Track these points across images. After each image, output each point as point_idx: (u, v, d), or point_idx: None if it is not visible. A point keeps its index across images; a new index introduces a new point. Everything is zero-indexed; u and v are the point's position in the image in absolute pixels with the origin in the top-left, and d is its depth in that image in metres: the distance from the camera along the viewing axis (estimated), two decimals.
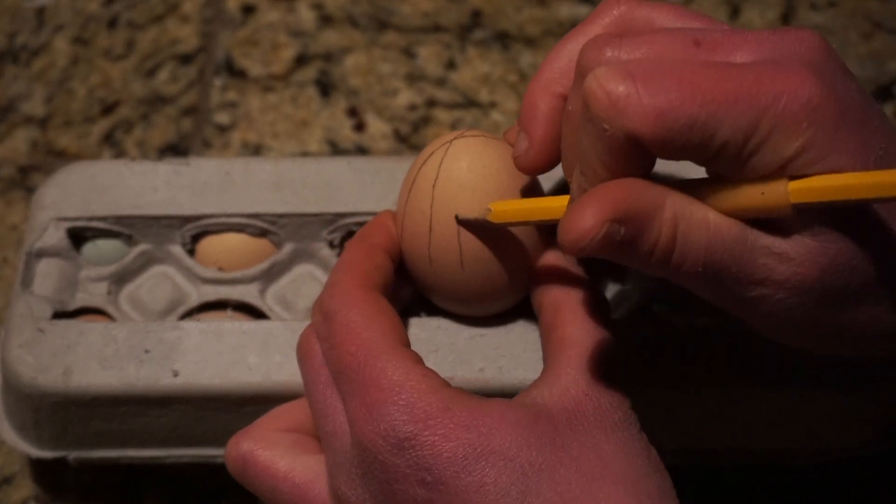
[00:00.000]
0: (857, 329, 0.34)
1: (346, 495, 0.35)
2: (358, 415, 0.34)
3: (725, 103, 0.31)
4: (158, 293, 0.45)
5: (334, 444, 0.35)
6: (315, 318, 0.38)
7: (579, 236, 0.31)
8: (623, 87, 0.31)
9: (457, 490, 0.33)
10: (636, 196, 0.32)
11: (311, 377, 0.37)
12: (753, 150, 0.31)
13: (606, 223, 0.31)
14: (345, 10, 0.62)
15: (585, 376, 0.35)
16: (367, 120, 0.58)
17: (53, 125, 0.58)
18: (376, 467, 0.34)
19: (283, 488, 0.36)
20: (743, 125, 0.31)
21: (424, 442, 0.33)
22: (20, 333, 0.42)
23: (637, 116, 0.31)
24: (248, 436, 0.37)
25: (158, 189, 0.46)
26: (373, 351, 0.35)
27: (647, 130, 0.31)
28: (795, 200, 0.31)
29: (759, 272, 0.32)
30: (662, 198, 0.32)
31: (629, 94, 0.31)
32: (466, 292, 0.40)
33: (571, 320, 0.37)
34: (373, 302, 0.37)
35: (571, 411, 0.34)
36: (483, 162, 0.38)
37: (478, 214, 0.38)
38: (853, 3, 0.61)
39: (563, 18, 0.61)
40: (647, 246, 0.32)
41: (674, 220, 0.32)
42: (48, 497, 0.47)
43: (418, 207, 0.39)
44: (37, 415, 0.42)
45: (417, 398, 0.34)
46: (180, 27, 0.61)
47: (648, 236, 0.32)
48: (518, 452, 0.33)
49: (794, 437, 0.43)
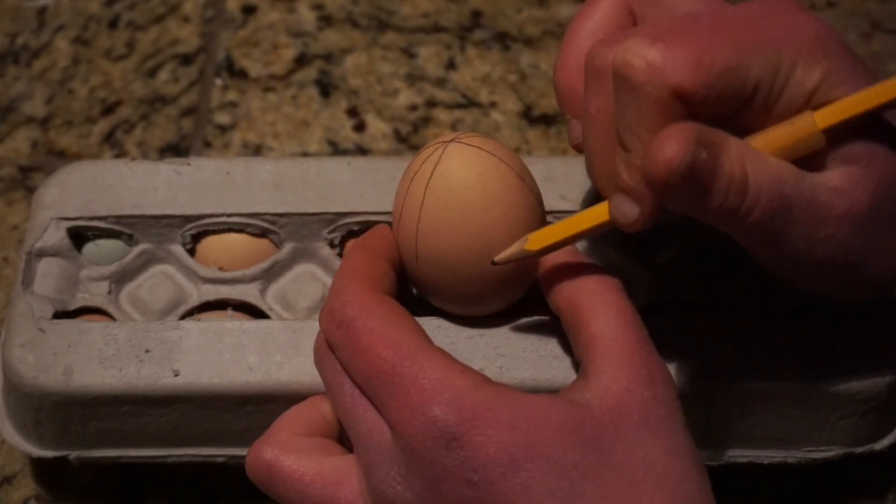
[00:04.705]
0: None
1: (384, 494, 0.35)
2: (401, 415, 0.34)
3: (751, 44, 0.33)
4: (159, 293, 0.45)
5: (369, 443, 0.35)
6: (327, 327, 0.37)
7: (668, 162, 0.32)
8: (656, 49, 0.33)
9: (503, 490, 0.33)
10: (704, 129, 0.33)
11: (334, 382, 0.37)
12: (782, 86, 0.33)
13: (691, 147, 0.32)
14: (345, 10, 0.62)
15: (623, 370, 0.35)
16: (367, 120, 0.58)
17: (54, 125, 0.58)
18: (423, 466, 0.33)
19: (311, 492, 0.36)
20: (770, 62, 0.33)
21: (472, 441, 0.33)
22: (21, 333, 0.42)
23: (678, 71, 0.32)
24: (270, 443, 0.37)
25: (159, 189, 0.46)
26: (405, 352, 0.35)
27: (690, 81, 0.32)
28: (823, 125, 0.33)
29: (822, 209, 0.34)
30: (724, 136, 0.33)
31: (664, 54, 0.33)
32: (454, 293, 0.40)
33: (593, 316, 0.36)
34: (390, 305, 0.36)
35: (615, 410, 0.34)
36: (478, 169, 0.38)
37: (514, 250, 0.38)
38: (852, 3, 0.61)
39: (563, 18, 0.61)
40: (724, 178, 0.33)
41: (740, 157, 0.33)
42: (49, 496, 0.47)
43: (410, 208, 0.39)
44: (37, 414, 0.42)
45: (462, 397, 0.33)
46: (181, 27, 0.61)
47: (724, 168, 0.33)
48: (563, 455, 0.33)
49: (794, 437, 0.43)
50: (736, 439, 0.43)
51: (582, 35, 0.38)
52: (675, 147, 0.32)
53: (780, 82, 0.33)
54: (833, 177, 0.34)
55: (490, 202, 0.38)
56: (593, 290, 0.37)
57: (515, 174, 0.39)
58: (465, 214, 0.38)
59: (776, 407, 0.42)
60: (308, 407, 0.39)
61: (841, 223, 0.34)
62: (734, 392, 0.41)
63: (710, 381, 0.41)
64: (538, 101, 0.58)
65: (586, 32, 0.38)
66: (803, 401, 0.42)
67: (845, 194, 0.34)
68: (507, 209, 0.38)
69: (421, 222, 0.39)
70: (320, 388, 0.38)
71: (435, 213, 0.38)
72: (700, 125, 0.33)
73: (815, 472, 0.45)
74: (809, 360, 0.41)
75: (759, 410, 0.42)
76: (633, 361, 0.35)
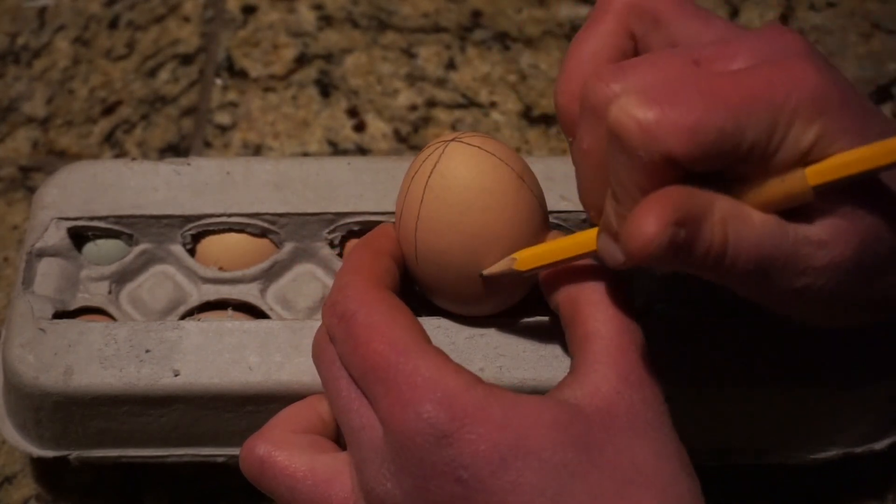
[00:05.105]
0: (890, 293, 0.36)
1: (374, 490, 0.35)
2: (393, 412, 0.34)
3: (747, 108, 0.32)
4: (159, 293, 0.45)
5: (361, 440, 0.35)
6: (329, 321, 0.37)
7: (645, 243, 0.32)
8: (651, 113, 0.32)
9: (493, 489, 0.33)
10: (688, 200, 0.32)
11: (330, 377, 0.37)
12: (777, 147, 0.33)
13: (670, 227, 0.32)
14: (345, 10, 0.62)
15: (615, 371, 0.35)
16: (367, 120, 0.58)
17: (54, 125, 0.58)
18: (412, 463, 0.34)
19: (302, 488, 0.36)
20: (766, 124, 0.32)
21: (462, 439, 0.33)
22: (21, 333, 0.42)
23: (671, 138, 0.32)
24: (263, 439, 0.37)
25: (159, 189, 0.46)
26: (402, 348, 0.35)
27: (683, 149, 0.32)
28: (814, 183, 0.33)
29: (801, 262, 0.34)
30: (710, 201, 0.33)
31: (659, 119, 0.32)
32: (453, 292, 0.40)
33: (591, 313, 0.37)
34: (391, 301, 0.37)
35: (605, 411, 0.34)
36: (477, 168, 0.38)
37: (502, 267, 0.38)
38: (852, 3, 0.61)
39: (562, 19, 0.61)
40: (703, 247, 0.33)
41: (723, 221, 0.33)
42: (49, 496, 0.47)
43: (410, 207, 0.39)
44: (38, 414, 0.42)
45: (454, 396, 0.34)
46: (181, 27, 0.61)
47: (704, 237, 0.33)
48: (553, 454, 0.33)
49: (794, 437, 0.43)
50: (735, 439, 0.43)
51: (582, 58, 0.37)
52: (654, 227, 0.32)
53: (776, 143, 0.33)
54: (818, 230, 0.34)
55: (488, 202, 0.38)
56: (594, 289, 0.37)
57: (515, 174, 0.39)
58: (463, 213, 0.38)
59: (776, 407, 0.42)
60: (305, 405, 0.39)
61: (819, 274, 0.34)
62: (733, 392, 0.41)
63: (710, 381, 0.41)
64: (538, 101, 0.58)
65: (587, 56, 0.37)
66: (803, 401, 0.42)
67: (828, 247, 0.34)
68: (505, 209, 0.38)
69: (420, 221, 0.39)
70: (320, 387, 0.38)
71: (434, 212, 0.38)
72: (686, 192, 0.33)
73: (815, 472, 0.45)
74: (809, 361, 0.41)
75: (759, 411, 0.42)
76: (624, 363, 0.35)
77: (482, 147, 0.39)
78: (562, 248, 0.37)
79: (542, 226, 0.39)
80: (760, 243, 0.33)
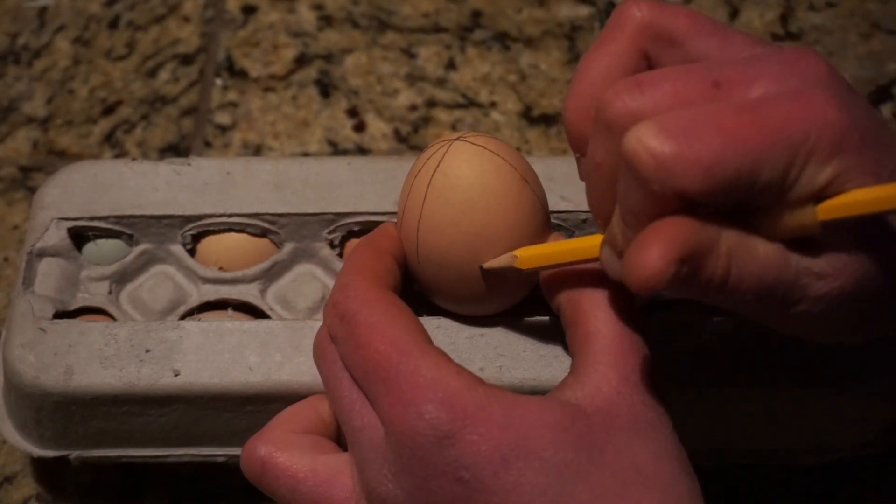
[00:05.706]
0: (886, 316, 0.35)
1: (375, 491, 0.35)
2: (394, 412, 0.34)
3: (764, 148, 0.32)
4: (159, 293, 0.45)
5: (362, 440, 0.35)
6: (330, 321, 0.37)
7: (649, 278, 0.31)
8: (668, 147, 0.31)
9: (494, 489, 0.33)
10: (694, 235, 0.32)
11: (332, 376, 0.37)
12: (791, 185, 0.32)
13: (674, 263, 0.31)
14: (345, 10, 0.62)
15: (616, 371, 0.35)
16: (367, 120, 0.58)
17: (54, 125, 0.58)
18: (414, 463, 0.34)
19: (304, 488, 0.36)
20: (781, 165, 0.32)
21: (463, 440, 0.33)
22: (22, 333, 0.42)
23: (686, 175, 0.31)
24: (264, 439, 0.37)
25: (159, 189, 0.46)
26: (403, 348, 0.35)
27: (697, 187, 0.32)
28: (823, 218, 0.33)
29: (799, 291, 0.33)
30: (717, 234, 0.33)
31: (675, 155, 0.31)
32: (454, 292, 0.40)
33: (592, 313, 0.37)
34: (392, 301, 0.37)
35: (606, 411, 0.34)
36: (480, 168, 0.38)
37: (503, 262, 0.38)
38: (852, 3, 0.61)
39: (562, 19, 0.61)
40: (705, 279, 0.32)
41: (728, 255, 0.33)
42: (50, 496, 0.47)
43: (412, 205, 0.39)
44: (38, 414, 0.42)
45: (455, 396, 0.34)
46: (181, 27, 0.61)
47: (706, 271, 0.32)
48: (554, 454, 0.33)
49: (794, 437, 0.43)
50: (736, 440, 0.43)
51: (593, 77, 0.37)
52: (658, 262, 0.31)
53: (790, 182, 0.32)
54: (820, 262, 0.33)
55: (491, 201, 0.38)
56: (595, 289, 0.37)
57: (518, 174, 0.39)
58: (465, 212, 0.38)
59: (776, 407, 0.42)
60: (306, 406, 0.39)
61: (815, 303, 0.34)
62: (733, 392, 0.41)
63: (710, 381, 0.41)
64: (538, 101, 0.58)
65: (597, 74, 0.37)
66: (803, 401, 0.42)
67: (828, 279, 0.33)
68: (508, 209, 0.38)
69: (422, 220, 0.39)
70: (320, 387, 0.38)
71: (436, 211, 0.38)
72: (693, 226, 0.32)
73: (815, 472, 0.45)
74: (809, 361, 0.41)
75: (759, 411, 0.42)
76: (625, 364, 0.35)
77: (486, 147, 0.39)
78: (564, 252, 0.37)
79: (543, 227, 0.39)
80: (763, 275, 0.33)
